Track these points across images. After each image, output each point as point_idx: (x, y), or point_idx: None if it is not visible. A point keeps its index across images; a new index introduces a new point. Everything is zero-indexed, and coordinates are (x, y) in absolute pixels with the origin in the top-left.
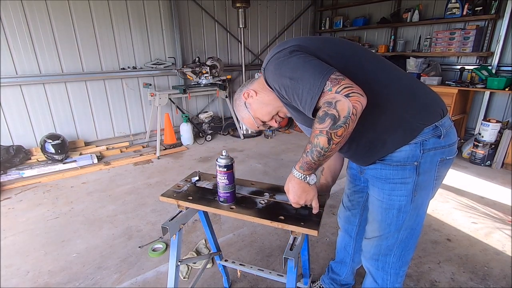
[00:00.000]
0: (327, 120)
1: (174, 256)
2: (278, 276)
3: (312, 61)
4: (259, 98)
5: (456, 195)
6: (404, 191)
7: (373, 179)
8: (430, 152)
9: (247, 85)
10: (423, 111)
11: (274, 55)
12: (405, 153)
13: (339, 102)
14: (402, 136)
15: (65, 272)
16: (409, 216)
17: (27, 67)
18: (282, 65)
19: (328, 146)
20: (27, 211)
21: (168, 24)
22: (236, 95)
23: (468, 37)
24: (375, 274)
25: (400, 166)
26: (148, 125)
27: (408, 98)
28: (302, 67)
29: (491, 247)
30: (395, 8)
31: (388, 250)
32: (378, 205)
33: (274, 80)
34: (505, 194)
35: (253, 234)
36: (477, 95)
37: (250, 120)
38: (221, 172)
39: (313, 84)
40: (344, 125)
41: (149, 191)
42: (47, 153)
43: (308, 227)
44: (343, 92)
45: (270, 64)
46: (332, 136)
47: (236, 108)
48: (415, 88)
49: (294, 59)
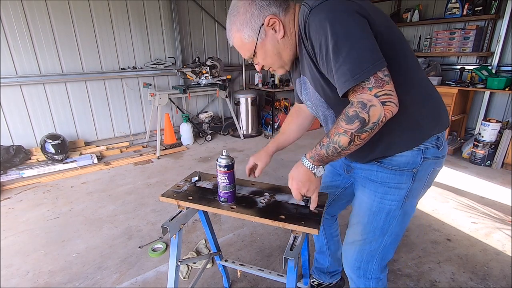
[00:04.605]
0: (355, 122)
1: (174, 256)
2: (278, 276)
3: (369, 39)
4: (283, 41)
5: (456, 195)
6: (397, 196)
7: (365, 180)
8: (428, 161)
9: (275, 4)
10: (436, 120)
11: (328, 0)
12: (406, 158)
13: (374, 108)
14: (411, 140)
15: (65, 272)
16: (396, 222)
17: (27, 67)
18: (337, 20)
19: (347, 146)
20: (27, 211)
21: (168, 24)
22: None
23: (468, 37)
24: (357, 281)
25: (399, 170)
26: (148, 125)
27: (429, 104)
28: (358, 39)
29: (491, 247)
30: (395, 8)
31: (370, 256)
32: (367, 207)
33: (318, 31)
34: (505, 194)
35: (253, 234)
36: (477, 95)
37: (248, 46)
38: (221, 172)
39: (358, 66)
40: (370, 130)
41: (149, 191)
42: (47, 153)
43: (308, 226)
44: (381, 98)
45: (321, 10)
46: (355, 138)
47: (239, 17)
48: (436, 95)
49: (353, 24)
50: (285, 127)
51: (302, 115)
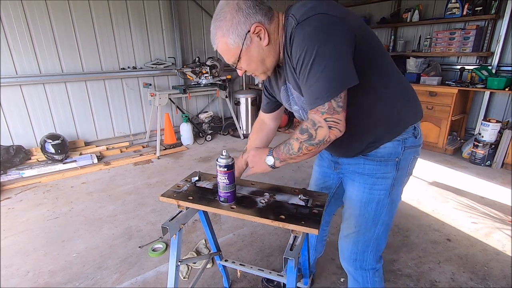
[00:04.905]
0: (305, 134)
1: (174, 256)
2: (278, 276)
3: (344, 58)
4: (267, 48)
5: (456, 195)
6: (384, 185)
7: (353, 174)
8: (408, 150)
9: (260, 13)
10: (413, 111)
11: (319, 15)
12: (389, 149)
13: (321, 129)
14: (393, 131)
15: (65, 272)
16: (385, 210)
17: (27, 67)
18: (319, 38)
19: (297, 152)
20: (27, 211)
21: (168, 24)
22: (234, 5)
23: (468, 37)
24: (355, 274)
25: (383, 161)
26: (148, 125)
27: (406, 97)
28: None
29: (491, 247)
30: (395, 8)
31: (365, 247)
32: (357, 199)
33: (300, 44)
34: (505, 194)
35: (253, 234)
36: (477, 95)
37: (233, 51)
38: (221, 172)
39: (329, 87)
40: (316, 145)
41: (149, 191)
42: (47, 153)
43: (308, 226)
44: (330, 123)
45: (307, 25)
46: (303, 147)
47: (226, 22)
48: (411, 89)
49: (332, 43)
50: (251, 143)
51: (266, 129)
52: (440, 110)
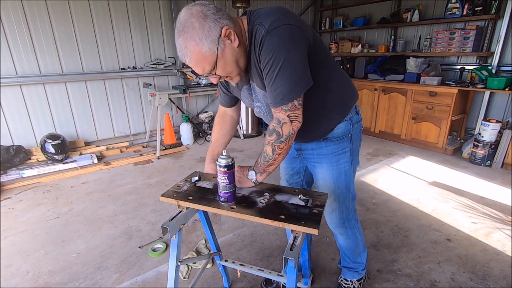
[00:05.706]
0: (273, 135)
1: (174, 256)
2: (278, 276)
3: (304, 65)
4: (239, 49)
5: (456, 195)
6: (346, 158)
7: (319, 157)
8: (356, 125)
9: (225, 17)
10: (351, 93)
11: (285, 26)
12: (342, 129)
13: (285, 125)
14: (342, 114)
15: (65, 272)
16: (350, 177)
17: (27, 67)
18: (285, 47)
19: (272, 155)
20: (27, 211)
21: (168, 24)
22: (199, 14)
23: (468, 37)
24: (344, 232)
25: (340, 139)
26: (148, 125)
27: (347, 85)
28: (297, 65)
29: (491, 247)
30: (395, 8)
31: (348, 210)
32: (330, 176)
33: (269, 51)
34: (505, 194)
35: (253, 234)
36: (477, 95)
37: (209, 59)
38: (221, 172)
39: (294, 89)
40: (285, 141)
41: (149, 191)
42: (47, 153)
43: (308, 226)
44: (291, 118)
45: (275, 35)
46: (276, 148)
47: (196, 31)
48: (348, 78)
49: (295, 52)
50: (215, 136)
51: (230, 120)
52: (440, 110)
